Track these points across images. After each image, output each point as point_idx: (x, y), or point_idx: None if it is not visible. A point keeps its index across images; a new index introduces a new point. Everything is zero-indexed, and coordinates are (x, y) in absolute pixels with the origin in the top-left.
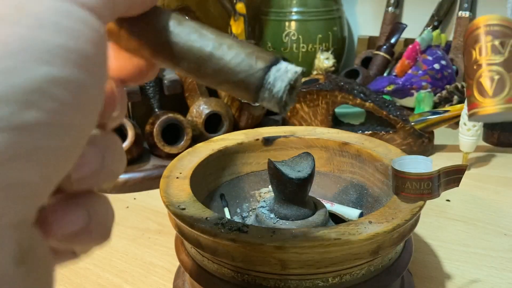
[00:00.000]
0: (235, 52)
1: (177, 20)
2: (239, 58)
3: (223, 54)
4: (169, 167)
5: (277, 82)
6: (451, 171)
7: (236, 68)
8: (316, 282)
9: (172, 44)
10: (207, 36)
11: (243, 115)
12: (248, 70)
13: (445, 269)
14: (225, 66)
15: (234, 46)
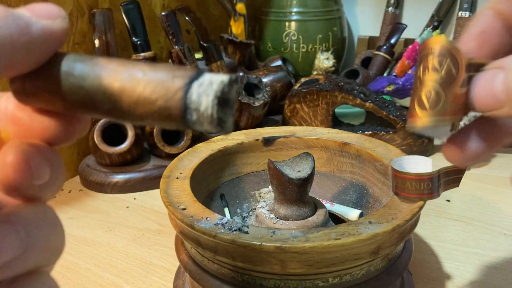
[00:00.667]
0: (147, 78)
1: (80, 61)
2: (153, 83)
3: (134, 85)
4: (169, 167)
5: (202, 99)
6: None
7: (152, 95)
8: (316, 282)
9: (79, 87)
10: (115, 70)
11: (243, 115)
12: (165, 94)
13: (445, 269)
14: (140, 98)
15: (146, 72)
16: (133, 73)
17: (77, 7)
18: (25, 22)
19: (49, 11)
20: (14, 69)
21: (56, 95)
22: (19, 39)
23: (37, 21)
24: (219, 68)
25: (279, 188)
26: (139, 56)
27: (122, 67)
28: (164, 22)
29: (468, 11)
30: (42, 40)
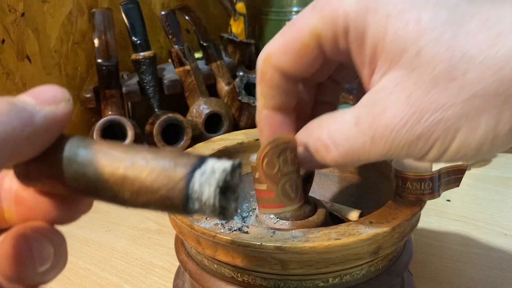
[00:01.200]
0: (150, 167)
1: (83, 147)
2: (155, 172)
3: (136, 173)
4: None
5: (204, 188)
6: (451, 171)
7: (154, 185)
8: (316, 283)
9: (81, 174)
10: (116, 157)
11: (243, 115)
12: (167, 184)
13: (445, 269)
14: (142, 187)
15: (149, 160)
16: (136, 161)
17: (77, 7)
18: (28, 114)
19: (53, 96)
20: (17, 159)
21: (58, 181)
22: (22, 132)
23: (41, 109)
24: (219, 68)
25: None
26: (139, 55)
27: (124, 153)
28: (164, 22)
29: None
30: (45, 129)
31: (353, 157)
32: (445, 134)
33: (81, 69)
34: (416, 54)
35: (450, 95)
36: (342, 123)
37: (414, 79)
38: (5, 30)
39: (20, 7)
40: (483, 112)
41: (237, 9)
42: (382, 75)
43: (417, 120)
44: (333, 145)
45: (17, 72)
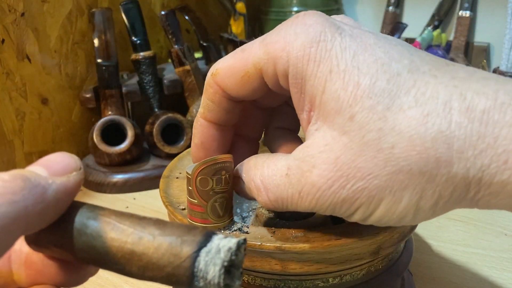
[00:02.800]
0: (156, 243)
1: (93, 218)
2: (161, 249)
3: (144, 249)
4: (169, 167)
5: (209, 268)
6: None
7: (160, 261)
8: (316, 283)
9: (90, 247)
10: (124, 231)
11: None
12: (173, 262)
13: (445, 269)
14: (149, 262)
15: (156, 236)
16: (143, 236)
17: (77, 7)
18: (41, 189)
19: (65, 166)
20: (28, 232)
21: (67, 250)
22: (35, 208)
23: (53, 181)
24: None
25: None
26: (139, 55)
27: (132, 228)
28: (164, 22)
29: (468, 10)
30: (56, 202)
31: (282, 204)
32: (368, 201)
33: (81, 69)
34: (349, 118)
35: (376, 165)
36: (275, 170)
37: (344, 142)
38: (5, 30)
39: (20, 7)
40: (406, 188)
41: (237, 9)
42: (316, 129)
43: (342, 185)
44: (264, 189)
45: (17, 72)
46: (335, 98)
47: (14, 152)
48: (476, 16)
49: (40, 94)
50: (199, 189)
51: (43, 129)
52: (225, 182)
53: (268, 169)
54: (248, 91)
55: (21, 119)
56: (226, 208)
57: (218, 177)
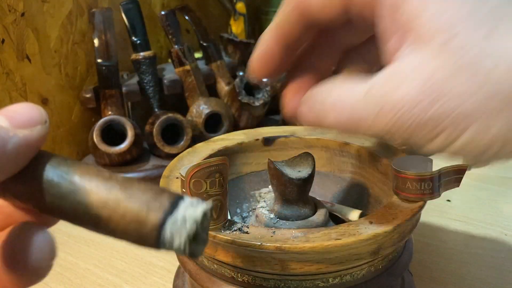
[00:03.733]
0: (122, 210)
1: (65, 172)
2: (127, 217)
3: (110, 214)
4: (169, 167)
5: (175, 238)
6: (451, 171)
7: (127, 228)
8: (316, 283)
9: (59, 200)
10: (91, 192)
11: (243, 115)
12: (140, 229)
13: (445, 269)
14: (116, 227)
15: (122, 201)
16: (108, 201)
17: (77, 7)
18: (0, 141)
19: (30, 118)
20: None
21: (33, 202)
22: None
23: (14, 134)
24: (219, 68)
25: (279, 188)
26: (139, 55)
27: (100, 188)
28: (164, 22)
29: None
30: (17, 154)
31: (353, 126)
32: (455, 125)
33: (81, 69)
34: (448, 39)
35: (470, 87)
36: (351, 90)
37: (439, 62)
38: (5, 30)
39: (20, 7)
40: (500, 114)
41: (237, 9)
42: (408, 52)
43: (431, 103)
44: (335, 109)
45: (17, 72)
46: (434, 20)
47: None
48: None
49: (40, 94)
50: (193, 191)
51: None
52: (219, 184)
53: (342, 90)
54: (330, 13)
55: None
56: (220, 210)
57: (212, 179)
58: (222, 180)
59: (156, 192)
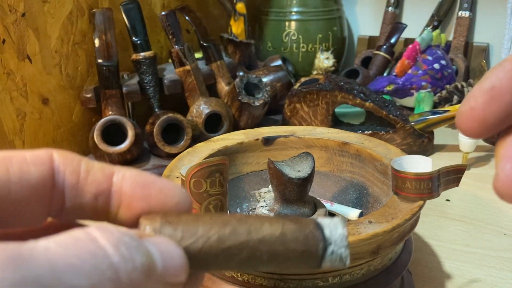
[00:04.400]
0: (288, 253)
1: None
2: (291, 257)
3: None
4: (169, 167)
5: (335, 257)
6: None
7: (294, 266)
8: (316, 282)
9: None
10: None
11: (243, 115)
12: (306, 263)
13: (445, 268)
14: (285, 265)
15: (287, 240)
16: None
17: (77, 7)
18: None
19: (178, 268)
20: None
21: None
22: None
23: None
24: (219, 68)
25: (279, 187)
26: (139, 55)
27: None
28: (164, 22)
29: (468, 10)
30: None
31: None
32: None
33: (81, 69)
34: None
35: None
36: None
37: None
38: (5, 30)
39: (20, 7)
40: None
41: (237, 9)
42: None
43: None
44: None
45: (18, 72)
46: None
47: None
48: (476, 17)
49: (40, 94)
50: (193, 191)
51: (44, 129)
52: (219, 184)
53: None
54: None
55: (22, 119)
56: (220, 210)
57: (212, 179)
58: (222, 180)
59: (299, 225)
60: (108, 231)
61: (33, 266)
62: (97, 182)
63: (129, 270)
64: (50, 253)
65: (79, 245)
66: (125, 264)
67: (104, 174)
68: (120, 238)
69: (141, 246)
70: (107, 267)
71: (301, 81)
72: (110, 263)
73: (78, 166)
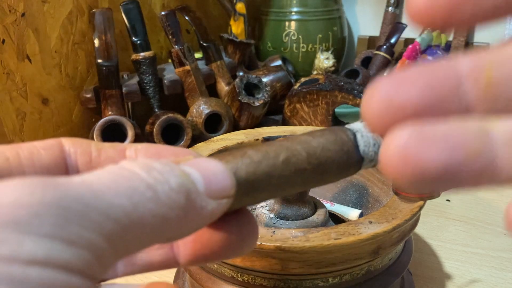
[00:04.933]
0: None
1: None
2: (331, 154)
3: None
4: None
5: (369, 147)
6: None
7: (336, 164)
8: (316, 282)
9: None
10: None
11: (243, 115)
12: (344, 156)
13: (445, 269)
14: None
15: (319, 143)
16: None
17: (77, 7)
18: (193, 215)
19: (223, 188)
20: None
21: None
22: (176, 227)
23: (205, 206)
24: (219, 68)
25: None
26: (139, 55)
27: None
28: (164, 22)
29: None
30: (196, 227)
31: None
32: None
33: (81, 69)
34: None
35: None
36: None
37: None
38: (5, 30)
39: (20, 8)
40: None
41: (237, 9)
42: None
43: None
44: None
45: (18, 72)
46: None
47: None
48: None
49: (40, 94)
50: None
51: (44, 129)
52: None
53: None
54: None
55: (22, 119)
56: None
57: None
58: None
59: (322, 129)
60: (138, 161)
61: (72, 187)
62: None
63: (167, 190)
64: (87, 179)
65: (114, 172)
66: (162, 186)
67: (116, 150)
68: (151, 164)
69: (175, 168)
70: (146, 188)
71: (301, 81)
72: (148, 185)
73: (88, 147)
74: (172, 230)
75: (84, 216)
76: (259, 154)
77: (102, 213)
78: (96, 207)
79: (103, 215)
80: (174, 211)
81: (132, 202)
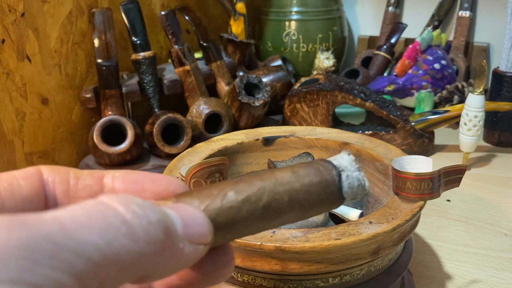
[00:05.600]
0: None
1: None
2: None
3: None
4: (169, 167)
5: (354, 183)
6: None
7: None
8: (316, 283)
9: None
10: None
11: (243, 115)
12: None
13: (445, 269)
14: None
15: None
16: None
17: (77, 7)
18: (170, 253)
19: (202, 233)
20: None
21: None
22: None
23: (182, 248)
24: (219, 68)
25: None
26: (139, 55)
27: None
28: (164, 22)
29: (468, 10)
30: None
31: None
32: None
33: (81, 69)
34: None
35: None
36: None
37: None
38: (5, 30)
39: (20, 7)
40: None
41: (237, 9)
42: None
43: None
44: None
45: (17, 72)
46: None
47: (14, 152)
48: (476, 16)
49: (40, 94)
50: None
51: (43, 129)
52: None
53: None
54: None
55: (21, 119)
56: None
57: (212, 179)
58: (222, 180)
59: (307, 164)
60: (117, 195)
61: (41, 225)
62: (88, 186)
63: (145, 224)
64: (58, 216)
65: (88, 207)
66: (140, 220)
67: (94, 178)
68: (131, 199)
69: (155, 206)
70: (121, 223)
71: (301, 81)
72: (123, 220)
73: (67, 175)
74: (149, 267)
75: (53, 256)
76: (240, 198)
77: (72, 251)
78: (66, 245)
79: (73, 254)
80: (150, 246)
81: (105, 239)
